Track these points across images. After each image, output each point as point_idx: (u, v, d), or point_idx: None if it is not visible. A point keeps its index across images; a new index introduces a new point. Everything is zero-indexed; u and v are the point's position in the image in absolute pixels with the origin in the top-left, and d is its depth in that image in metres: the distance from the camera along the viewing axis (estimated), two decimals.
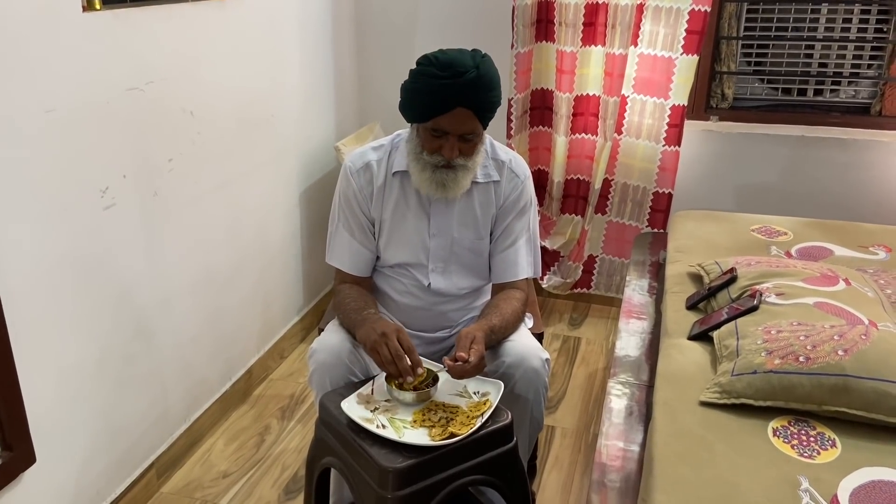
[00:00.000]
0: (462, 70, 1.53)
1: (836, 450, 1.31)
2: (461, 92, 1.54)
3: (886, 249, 2.18)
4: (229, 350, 2.42)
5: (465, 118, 1.57)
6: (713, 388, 1.47)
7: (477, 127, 1.60)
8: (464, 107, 1.55)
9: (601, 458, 1.50)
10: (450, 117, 1.57)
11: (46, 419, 1.68)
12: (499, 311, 1.69)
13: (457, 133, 1.59)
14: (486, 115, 1.60)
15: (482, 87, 1.55)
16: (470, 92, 1.54)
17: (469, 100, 1.55)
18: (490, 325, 1.63)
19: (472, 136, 1.61)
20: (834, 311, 1.56)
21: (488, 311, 1.71)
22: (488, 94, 1.57)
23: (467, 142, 1.61)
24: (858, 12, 2.75)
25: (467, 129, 1.59)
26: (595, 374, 2.70)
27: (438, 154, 1.61)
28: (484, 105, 1.57)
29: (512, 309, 1.71)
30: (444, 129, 1.59)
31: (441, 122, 1.58)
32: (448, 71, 1.54)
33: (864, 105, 2.84)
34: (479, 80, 1.54)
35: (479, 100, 1.56)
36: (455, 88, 1.53)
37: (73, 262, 1.71)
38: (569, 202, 3.03)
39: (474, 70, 1.53)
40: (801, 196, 2.82)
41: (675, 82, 2.70)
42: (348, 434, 1.48)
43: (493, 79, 1.58)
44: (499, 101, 1.62)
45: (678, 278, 2.04)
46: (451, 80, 1.53)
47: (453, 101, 1.55)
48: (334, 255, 1.80)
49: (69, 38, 1.63)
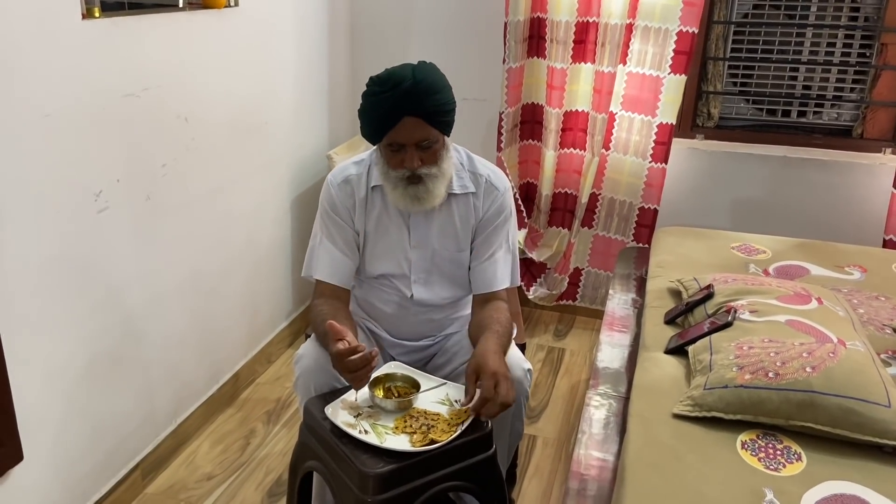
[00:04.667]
0: (398, 80, 1.58)
1: (802, 463, 1.36)
2: (402, 101, 1.58)
3: (862, 270, 2.23)
4: (217, 353, 2.45)
5: (415, 126, 1.61)
6: (686, 401, 1.51)
7: (430, 133, 1.62)
8: (410, 115, 1.59)
9: (578, 467, 1.54)
10: (400, 128, 1.61)
11: (34, 417, 1.70)
12: (497, 320, 1.70)
13: (411, 142, 1.62)
14: (437, 120, 1.62)
15: (421, 92, 1.58)
16: (410, 100, 1.58)
17: (412, 107, 1.59)
18: (496, 333, 1.65)
19: (428, 142, 1.63)
20: (804, 329, 1.61)
21: (487, 322, 1.70)
22: (430, 98, 1.60)
23: (426, 150, 1.64)
24: (842, 36, 2.82)
25: (419, 136, 1.62)
26: (578, 385, 2.74)
27: (403, 168, 1.65)
28: (430, 110, 1.60)
29: (506, 318, 1.74)
30: (399, 142, 1.63)
31: (394, 136, 1.62)
32: (386, 85, 1.59)
33: (846, 127, 2.90)
34: (416, 88, 1.58)
35: (423, 105, 1.59)
36: (394, 99, 1.58)
37: (64, 263, 1.74)
38: (556, 215, 3.08)
39: (410, 79, 1.58)
40: (783, 215, 2.88)
41: (663, 101, 2.75)
42: (331, 439, 1.51)
43: (433, 84, 1.61)
44: (448, 104, 1.64)
45: (658, 293, 2.08)
46: (390, 93, 1.58)
47: (398, 112, 1.59)
48: (315, 267, 1.79)
49: (68, 44, 1.66)
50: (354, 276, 1.83)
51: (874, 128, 2.83)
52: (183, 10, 2.08)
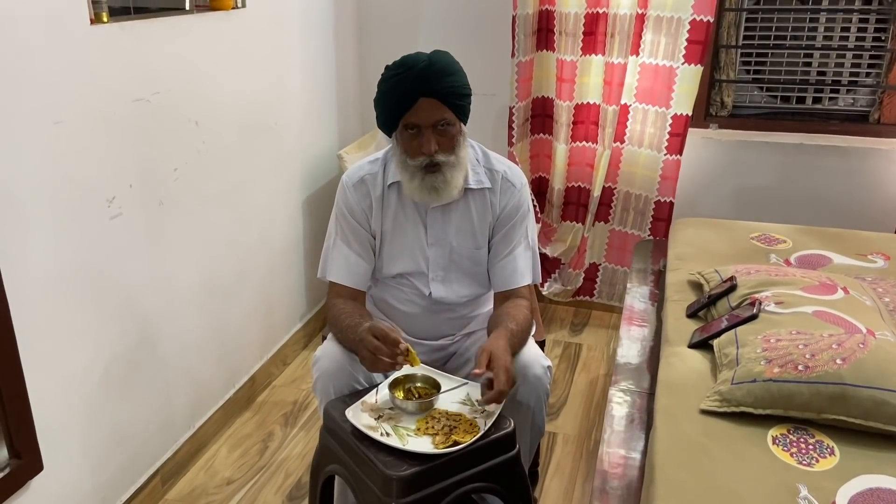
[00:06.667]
0: (413, 63, 1.59)
1: (835, 458, 1.33)
2: (417, 82, 1.58)
3: (885, 257, 2.19)
4: (233, 357, 2.44)
5: (431, 107, 1.60)
6: (713, 396, 1.49)
7: (446, 114, 1.62)
8: (426, 96, 1.59)
9: (603, 465, 1.52)
10: (416, 109, 1.60)
11: (53, 427, 1.69)
12: (513, 317, 1.68)
13: (428, 123, 1.61)
14: (452, 102, 1.62)
15: (436, 73, 1.59)
16: (426, 80, 1.58)
17: (427, 88, 1.59)
18: (508, 330, 1.62)
19: (445, 124, 1.62)
20: (832, 320, 1.58)
21: (502, 318, 1.69)
22: (446, 78, 1.60)
23: (443, 133, 1.63)
24: (857, 20, 2.77)
25: (436, 117, 1.61)
26: (596, 380, 2.71)
27: (420, 154, 1.63)
28: (445, 90, 1.60)
29: (524, 315, 1.71)
30: (416, 123, 1.62)
31: (410, 118, 1.62)
32: (401, 68, 1.60)
33: (862, 113, 2.86)
34: (431, 68, 1.59)
35: (439, 85, 1.59)
36: (410, 80, 1.59)
37: (79, 270, 1.73)
38: (569, 209, 3.05)
39: (426, 61, 1.59)
40: (801, 203, 2.84)
41: (677, 92, 2.71)
42: (353, 441, 1.50)
43: (447, 66, 1.62)
44: (464, 87, 1.64)
45: (678, 286, 2.05)
46: (405, 74, 1.59)
47: (414, 93, 1.59)
48: (330, 269, 1.78)
49: (77, 50, 1.65)
50: (371, 276, 1.81)
51: (891, 112, 2.79)
52: (190, 12, 2.06)
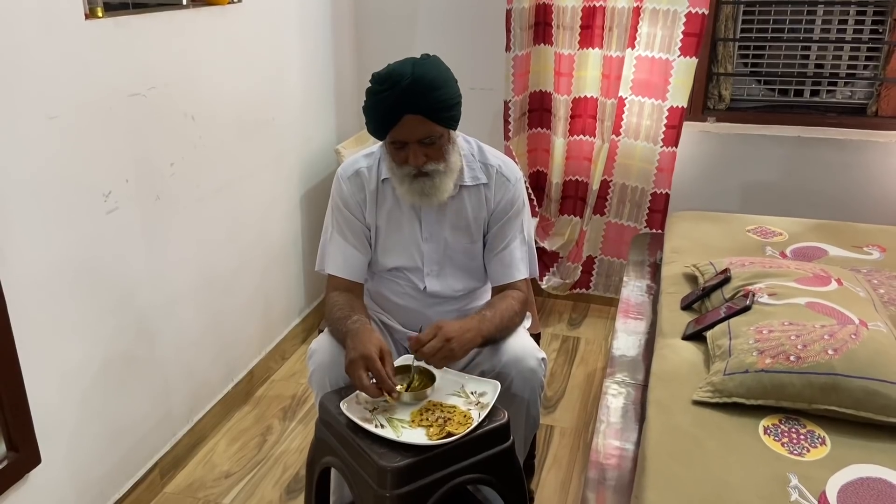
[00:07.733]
0: (397, 79, 1.54)
1: (826, 447, 1.33)
2: (401, 100, 1.54)
3: (881, 249, 2.20)
4: (231, 351, 2.45)
5: (416, 124, 1.57)
6: (706, 387, 1.49)
7: (433, 130, 1.59)
8: (411, 113, 1.56)
9: (597, 456, 1.52)
10: (401, 127, 1.58)
11: (51, 420, 1.70)
12: (490, 304, 1.73)
13: (413, 140, 1.59)
14: (439, 116, 1.59)
15: (421, 90, 1.55)
16: (410, 98, 1.54)
17: (412, 105, 1.55)
18: (480, 315, 1.65)
19: (432, 139, 1.60)
20: (825, 311, 1.59)
21: (484, 307, 1.73)
22: (430, 94, 1.56)
23: (430, 146, 1.61)
24: (854, 13, 2.77)
25: (421, 133, 1.59)
26: (594, 373, 2.72)
27: (408, 165, 1.62)
28: (430, 107, 1.56)
29: (506, 304, 1.73)
30: (401, 140, 1.60)
31: (395, 134, 1.60)
32: (385, 83, 1.56)
33: (860, 106, 2.86)
34: (415, 86, 1.54)
35: (424, 103, 1.55)
36: (393, 98, 1.55)
37: (76, 265, 1.74)
38: (567, 203, 3.05)
39: (409, 77, 1.54)
40: (798, 196, 2.84)
41: (673, 84, 2.72)
42: (348, 434, 1.50)
43: (433, 80, 1.57)
44: (451, 99, 1.60)
45: (674, 279, 2.06)
46: (389, 92, 1.55)
47: (398, 111, 1.56)
48: (327, 262, 1.80)
49: (72, 45, 1.65)
50: (367, 269, 1.82)
51: (889, 105, 2.78)
52: (186, 7, 2.07)
